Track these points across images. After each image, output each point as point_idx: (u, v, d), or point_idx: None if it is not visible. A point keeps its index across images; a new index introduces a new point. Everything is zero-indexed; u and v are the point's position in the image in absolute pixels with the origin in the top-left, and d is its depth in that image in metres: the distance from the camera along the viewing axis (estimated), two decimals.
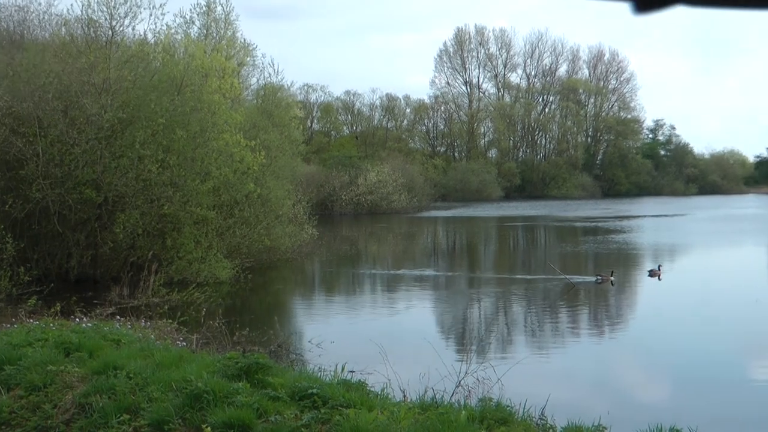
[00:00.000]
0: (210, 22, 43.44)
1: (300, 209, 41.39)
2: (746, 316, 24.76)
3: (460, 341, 21.68)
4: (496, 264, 42.90)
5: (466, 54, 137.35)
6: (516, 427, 9.48)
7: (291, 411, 9.71)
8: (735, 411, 14.57)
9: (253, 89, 46.88)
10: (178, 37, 38.36)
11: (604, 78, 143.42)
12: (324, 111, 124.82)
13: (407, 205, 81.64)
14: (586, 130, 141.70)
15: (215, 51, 38.82)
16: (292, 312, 27.91)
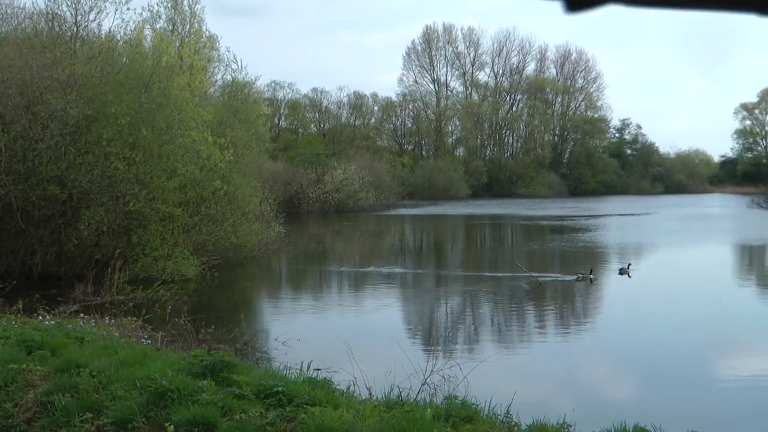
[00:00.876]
0: (176, 16, 43.18)
1: (267, 207, 41.22)
2: (711, 315, 24.95)
3: (426, 339, 21.68)
4: (463, 262, 42.95)
5: (435, 52, 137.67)
6: (481, 425, 9.47)
7: (256, 409, 9.66)
8: (699, 408, 14.66)
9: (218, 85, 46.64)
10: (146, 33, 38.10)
11: (572, 77, 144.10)
12: (291, 108, 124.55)
13: (374, 203, 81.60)
14: (553, 129, 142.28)
15: (182, 46, 38.58)
16: (258, 310, 27.80)
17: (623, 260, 35.81)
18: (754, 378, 17.11)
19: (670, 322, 23.79)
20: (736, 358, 19.43)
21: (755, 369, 17.98)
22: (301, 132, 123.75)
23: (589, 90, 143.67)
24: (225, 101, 41.08)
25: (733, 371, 17.88)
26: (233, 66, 44.72)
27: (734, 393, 16.04)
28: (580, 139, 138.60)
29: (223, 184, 33.16)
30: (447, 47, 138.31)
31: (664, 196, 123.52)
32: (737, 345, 21.02)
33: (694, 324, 23.44)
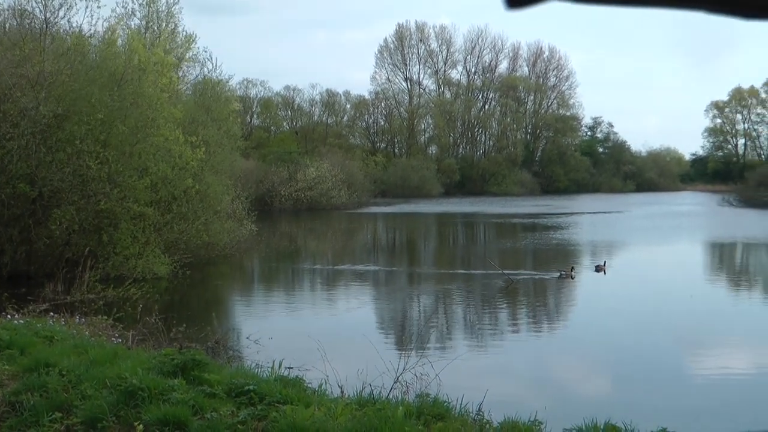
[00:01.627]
0: (151, 14, 42.96)
1: (239, 205, 41.13)
2: (682, 312, 25.10)
3: (399, 337, 21.67)
4: (436, 260, 42.99)
5: (407, 50, 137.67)
6: (453, 422, 9.48)
7: (227, 408, 9.62)
8: (670, 405, 14.72)
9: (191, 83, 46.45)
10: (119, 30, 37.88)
11: (544, 75, 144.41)
12: (264, 106, 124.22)
13: (347, 201, 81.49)
14: (525, 127, 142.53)
15: (155, 45, 38.38)
16: (230, 308, 27.71)
17: (596, 258, 36.00)
18: (725, 374, 17.22)
19: (642, 319, 23.90)
20: (707, 355, 19.54)
21: (726, 365, 18.09)
22: (273, 130, 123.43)
23: (561, 88, 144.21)
24: (197, 99, 40.94)
25: (705, 368, 17.99)
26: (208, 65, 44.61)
27: (705, 389, 16.14)
28: (552, 137, 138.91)
29: (194, 183, 33.05)
30: (419, 45, 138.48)
31: (635, 194, 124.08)
32: (708, 342, 21.14)
33: (665, 321, 23.56)
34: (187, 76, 46.75)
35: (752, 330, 22.94)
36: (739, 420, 13.47)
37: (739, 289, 31.75)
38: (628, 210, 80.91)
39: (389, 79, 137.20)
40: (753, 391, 16.08)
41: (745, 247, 47.60)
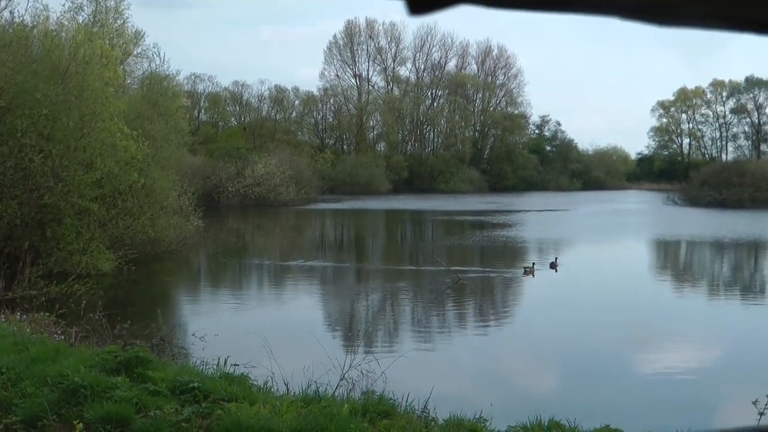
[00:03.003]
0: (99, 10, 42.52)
1: (185, 200, 40.83)
2: (627, 309, 25.34)
3: (346, 334, 21.63)
4: (384, 256, 43.01)
5: (356, 47, 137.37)
6: (398, 420, 9.46)
7: (171, 405, 9.53)
8: (615, 401, 14.83)
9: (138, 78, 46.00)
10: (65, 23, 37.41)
11: (492, 73, 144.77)
12: (212, 101, 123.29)
13: (295, 197, 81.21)
14: (473, 124, 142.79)
15: (101, 38, 37.94)
16: (176, 304, 27.49)
17: (544, 255, 36.22)
18: (668, 370, 17.38)
19: (588, 316, 24.11)
20: (652, 352, 19.74)
21: (669, 361, 18.27)
22: (221, 125, 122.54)
23: (509, 86, 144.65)
24: (144, 94, 40.55)
25: (649, 365, 18.16)
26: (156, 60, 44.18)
27: (649, 385, 16.26)
28: (501, 135, 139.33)
29: (140, 178, 32.74)
30: (369, 42, 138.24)
31: (582, 192, 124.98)
32: (652, 339, 21.35)
33: (611, 318, 23.78)
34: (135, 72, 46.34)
35: (695, 327, 23.22)
36: (681, 417, 13.59)
37: (683, 286, 32.14)
38: (575, 208, 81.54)
39: (338, 75, 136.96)
40: (696, 387, 16.24)
41: (689, 245, 48.18)
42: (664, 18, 1.00)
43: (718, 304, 28.29)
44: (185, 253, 38.32)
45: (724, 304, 28.05)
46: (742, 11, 0.99)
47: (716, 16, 1.00)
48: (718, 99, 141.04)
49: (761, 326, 23.67)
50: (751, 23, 1.02)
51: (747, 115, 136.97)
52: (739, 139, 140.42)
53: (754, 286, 32.92)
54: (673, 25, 1.02)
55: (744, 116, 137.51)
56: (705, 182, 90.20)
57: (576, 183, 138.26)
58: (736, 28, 1.04)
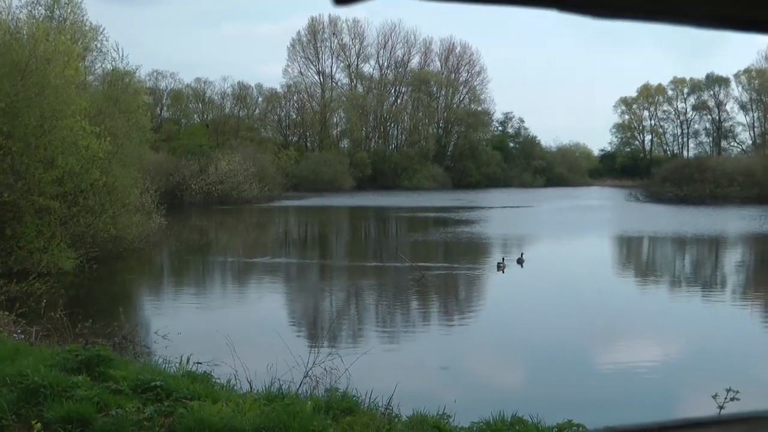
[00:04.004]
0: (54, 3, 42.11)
1: (148, 198, 40.55)
2: (590, 305, 25.48)
3: (310, 331, 21.59)
4: (348, 253, 42.99)
5: (320, 44, 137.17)
6: (362, 416, 9.45)
7: (133, 404, 9.47)
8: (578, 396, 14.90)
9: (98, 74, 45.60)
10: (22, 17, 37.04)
11: (456, 70, 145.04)
12: (174, 98, 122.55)
13: (258, 194, 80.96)
14: (437, 121, 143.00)
15: (60, 34, 37.59)
16: (138, 303, 27.32)
17: (507, 252, 36.33)
18: (631, 365, 17.49)
19: (552, 312, 24.20)
20: (614, 347, 19.87)
21: (631, 357, 18.39)
22: (184, 122, 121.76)
23: (472, 83, 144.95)
24: (104, 90, 40.21)
25: (611, 359, 18.27)
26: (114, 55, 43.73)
27: (611, 380, 16.38)
28: (464, 132, 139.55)
29: (102, 175, 32.49)
30: (332, 39, 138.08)
31: (545, 189, 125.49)
32: (614, 334, 21.48)
33: (574, 314, 23.88)
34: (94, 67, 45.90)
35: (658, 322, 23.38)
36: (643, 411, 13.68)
37: (646, 282, 32.36)
38: (538, 205, 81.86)
39: (302, 72, 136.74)
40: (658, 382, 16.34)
41: (651, 241, 48.53)
42: (661, 17, 0.99)
43: (680, 299, 28.50)
44: (148, 251, 38.07)
45: (686, 300, 28.26)
46: (742, 11, 0.98)
47: (716, 17, 0.99)
48: (680, 96, 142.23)
49: (722, 321, 23.86)
50: (753, 23, 1.01)
51: (708, 112, 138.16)
52: (700, 135, 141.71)
53: (715, 282, 33.21)
54: (671, 23, 1.01)
55: (705, 113, 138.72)
56: (667, 178, 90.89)
57: (539, 179, 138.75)
58: (737, 27, 1.03)
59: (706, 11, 0.98)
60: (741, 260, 41.22)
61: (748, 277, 35.23)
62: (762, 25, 1.02)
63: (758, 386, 15.45)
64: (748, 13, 0.99)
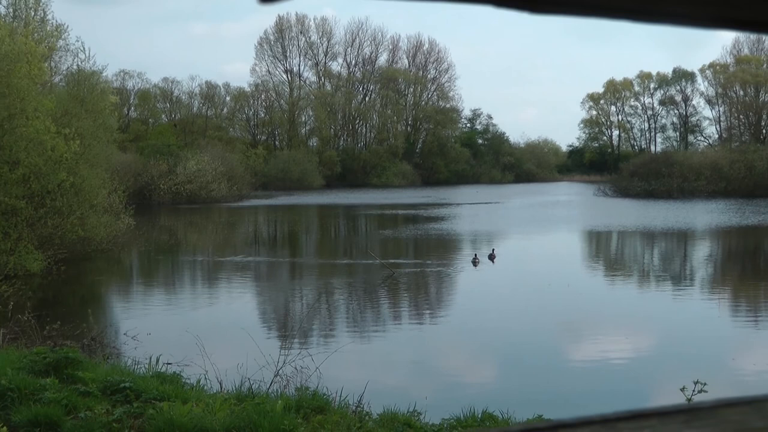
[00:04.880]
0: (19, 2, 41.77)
1: (116, 198, 40.27)
2: (561, 299, 25.58)
3: (280, 330, 21.53)
4: (318, 251, 42.96)
5: (287, 42, 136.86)
6: (332, 415, 9.44)
7: (102, 406, 9.40)
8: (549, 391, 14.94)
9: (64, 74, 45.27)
10: None
11: (423, 68, 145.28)
12: (141, 98, 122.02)
13: (227, 194, 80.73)
14: (406, 119, 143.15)
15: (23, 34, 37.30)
16: (108, 304, 27.17)
17: (477, 248, 36.39)
18: (600, 359, 17.58)
19: (523, 307, 24.31)
20: (584, 341, 19.96)
21: (601, 350, 18.47)
22: (151, 122, 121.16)
23: (440, 80, 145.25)
24: (70, 90, 39.92)
25: (581, 353, 18.35)
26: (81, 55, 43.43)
27: (583, 375, 16.44)
28: (433, 129, 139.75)
29: (69, 176, 32.26)
30: (300, 37, 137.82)
31: (514, 185, 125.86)
32: (585, 328, 21.59)
33: (545, 309, 23.96)
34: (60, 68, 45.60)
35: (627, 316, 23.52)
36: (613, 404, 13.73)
37: (615, 276, 32.53)
38: (507, 201, 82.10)
39: (269, 71, 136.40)
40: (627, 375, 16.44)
41: (620, 236, 48.80)
42: (656, 18, 0.99)
43: (649, 293, 28.67)
44: (116, 252, 37.83)
45: (656, 294, 28.42)
46: (741, 13, 0.98)
47: (712, 17, 0.99)
48: (646, 91, 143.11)
49: (690, 314, 24.03)
50: (752, 23, 1.01)
51: (675, 107, 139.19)
52: (667, 130, 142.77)
53: (684, 275, 33.42)
54: (666, 23, 1.01)
55: (672, 108, 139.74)
56: (634, 173, 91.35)
57: (508, 176, 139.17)
58: (734, 27, 1.03)
59: (701, 11, 0.98)
60: (709, 253, 41.54)
61: (716, 270, 35.51)
62: (746, 24, 1.02)
63: (726, 378, 15.57)
64: (735, 13, 1.00)
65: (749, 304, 26.07)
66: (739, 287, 29.80)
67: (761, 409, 1.06)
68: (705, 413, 1.06)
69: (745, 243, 45.39)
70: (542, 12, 0.99)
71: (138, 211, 44.80)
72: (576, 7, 1.00)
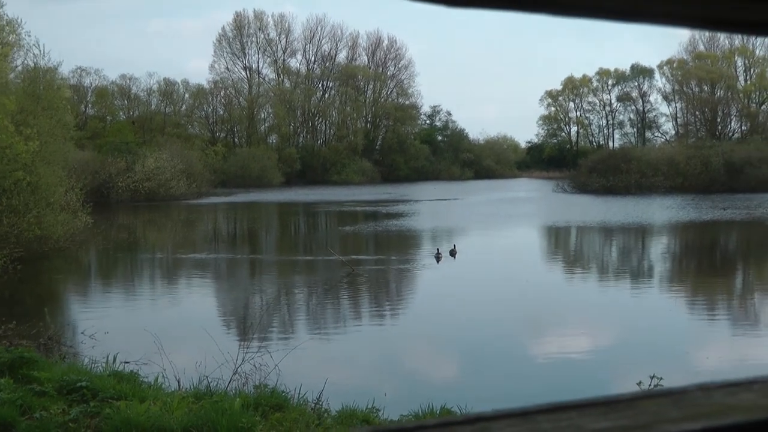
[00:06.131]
0: None
1: (73, 196, 39.91)
2: (520, 296, 25.71)
3: (240, 327, 21.43)
4: (277, 248, 42.84)
5: (246, 39, 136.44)
6: (291, 412, 9.43)
7: (58, 406, 9.32)
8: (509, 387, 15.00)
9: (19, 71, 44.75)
10: None
11: (383, 64, 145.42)
12: (99, 95, 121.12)
13: (186, 191, 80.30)
14: (365, 115, 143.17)
15: None
16: (65, 303, 26.93)
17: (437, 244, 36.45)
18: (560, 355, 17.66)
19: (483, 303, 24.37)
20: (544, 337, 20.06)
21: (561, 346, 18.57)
22: (109, 120, 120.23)
23: (400, 77, 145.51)
24: (26, 88, 39.50)
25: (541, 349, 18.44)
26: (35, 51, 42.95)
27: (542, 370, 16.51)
28: (392, 125, 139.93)
29: (25, 175, 31.94)
30: (258, 34, 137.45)
31: (474, 182, 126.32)
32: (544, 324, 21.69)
33: (505, 305, 24.08)
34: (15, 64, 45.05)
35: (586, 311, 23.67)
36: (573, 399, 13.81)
37: (574, 271, 32.73)
38: (467, 197, 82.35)
39: (228, 68, 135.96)
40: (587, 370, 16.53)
41: (579, 231, 49.10)
42: (646, 19, 0.99)
43: (608, 288, 28.86)
44: (74, 250, 37.49)
45: (614, 289, 28.62)
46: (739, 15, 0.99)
47: (705, 18, 1.00)
48: (604, 87, 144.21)
49: (649, 309, 24.21)
50: (754, 25, 1.02)
51: (632, 103, 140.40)
52: (625, 126, 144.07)
53: (642, 270, 33.69)
54: (654, 24, 1.01)
55: (629, 104, 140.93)
56: (593, 169, 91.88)
57: (468, 172, 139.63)
58: (726, 28, 1.04)
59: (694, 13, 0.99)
60: (666, 248, 41.94)
61: (674, 264, 35.87)
62: (728, 24, 1.03)
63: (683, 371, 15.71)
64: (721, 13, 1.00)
65: (705, 298, 26.30)
66: (696, 282, 30.11)
67: (678, 401, 1.09)
68: (623, 405, 1.08)
69: (701, 238, 45.82)
70: (458, 5, 0.99)
71: (96, 209, 44.42)
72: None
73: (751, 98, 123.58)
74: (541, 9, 1.01)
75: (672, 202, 70.04)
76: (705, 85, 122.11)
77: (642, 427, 1.00)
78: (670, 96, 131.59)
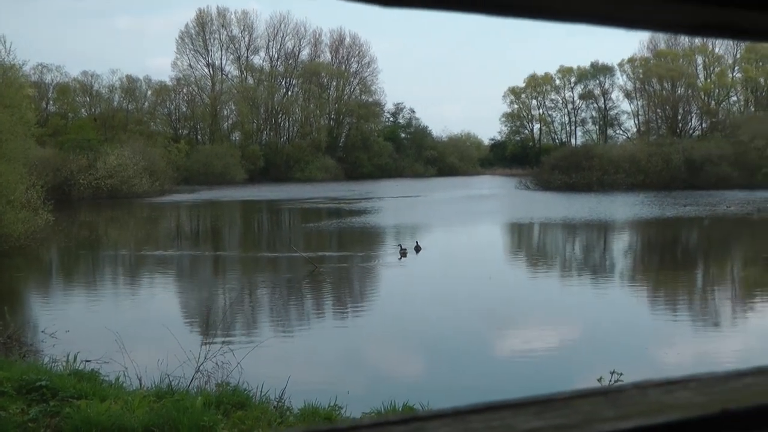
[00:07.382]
0: None
1: (34, 194, 39.56)
2: (482, 293, 25.79)
3: (202, 325, 21.35)
4: (241, 246, 42.72)
5: (209, 36, 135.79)
6: (253, 410, 9.41)
7: (17, 406, 9.23)
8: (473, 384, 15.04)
9: None
10: None
11: (346, 62, 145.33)
12: (60, 92, 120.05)
13: (149, 188, 79.89)
14: (328, 113, 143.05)
15: None
16: (26, 301, 26.71)
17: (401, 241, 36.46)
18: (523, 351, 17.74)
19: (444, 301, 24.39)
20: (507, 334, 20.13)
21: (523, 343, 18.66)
22: (71, 116, 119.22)
23: (363, 75, 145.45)
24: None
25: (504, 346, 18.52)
26: None
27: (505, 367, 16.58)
28: (356, 123, 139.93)
29: None
30: (221, 31, 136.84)
31: (437, 179, 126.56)
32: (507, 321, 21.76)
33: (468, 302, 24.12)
34: None
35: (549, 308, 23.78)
36: None
37: (537, 268, 32.87)
38: (430, 194, 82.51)
39: (191, 65, 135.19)
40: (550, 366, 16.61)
41: (542, 228, 49.35)
42: (637, 25, 1.00)
43: (570, 284, 29.04)
44: (35, 248, 37.16)
45: (577, 285, 28.80)
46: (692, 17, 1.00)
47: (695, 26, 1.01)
48: (567, 85, 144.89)
49: (610, 304, 24.40)
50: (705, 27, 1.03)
51: (594, 101, 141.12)
52: (587, 123, 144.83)
53: (604, 267, 33.92)
54: (644, 30, 1.02)
55: (591, 101, 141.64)
56: (555, 166, 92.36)
57: (431, 170, 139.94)
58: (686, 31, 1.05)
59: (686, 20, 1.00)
60: (628, 245, 42.26)
61: (636, 260, 36.18)
62: (713, 29, 1.04)
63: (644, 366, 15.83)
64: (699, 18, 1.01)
65: (667, 294, 26.51)
66: (657, 278, 30.36)
67: (614, 399, 1.09)
68: (558, 404, 1.08)
69: (663, 234, 46.19)
70: (392, 5, 1.00)
71: (57, 207, 44.06)
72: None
73: (711, 96, 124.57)
74: (477, 9, 1.01)
75: (633, 199, 70.59)
76: (666, 83, 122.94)
77: (575, 427, 1.00)
78: (631, 94, 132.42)
